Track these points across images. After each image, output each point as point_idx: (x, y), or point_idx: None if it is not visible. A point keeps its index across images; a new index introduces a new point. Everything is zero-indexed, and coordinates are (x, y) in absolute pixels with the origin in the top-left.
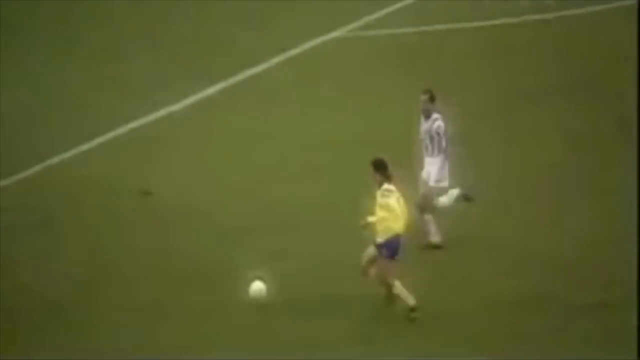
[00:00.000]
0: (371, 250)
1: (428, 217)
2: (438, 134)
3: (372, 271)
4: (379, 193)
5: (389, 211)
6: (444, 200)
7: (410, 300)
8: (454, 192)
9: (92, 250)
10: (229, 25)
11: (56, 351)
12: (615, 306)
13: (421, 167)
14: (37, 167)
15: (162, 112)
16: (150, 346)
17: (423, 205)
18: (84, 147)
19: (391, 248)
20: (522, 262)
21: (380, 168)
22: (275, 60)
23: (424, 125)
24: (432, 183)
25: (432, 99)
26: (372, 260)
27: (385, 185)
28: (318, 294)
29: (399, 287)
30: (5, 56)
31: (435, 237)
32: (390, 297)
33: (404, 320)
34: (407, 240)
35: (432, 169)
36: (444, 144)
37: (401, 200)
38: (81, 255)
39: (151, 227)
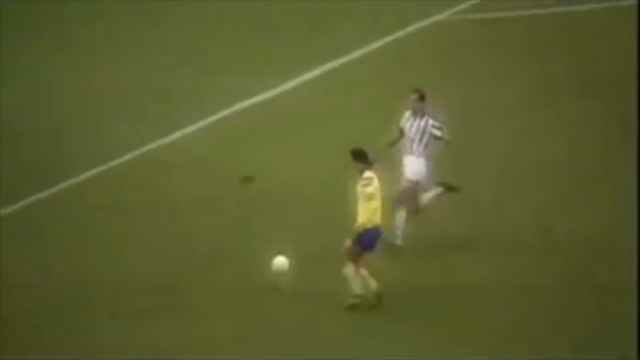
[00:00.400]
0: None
1: (400, 215)
2: (431, 133)
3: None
4: (359, 183)
5: (370, 201)
6: (427, 196)
7: (356, 288)
8: (436, 189)
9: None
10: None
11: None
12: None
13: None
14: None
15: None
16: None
17: (399, 201)
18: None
19: (366, 240)
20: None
21: (360, 157)
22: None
23: (415, 124)
24: (423, 180)
25: (421, 98)
26: (362, 258)
27: (366, 174)
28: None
29: (349, 270)
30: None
31: (397, 240)
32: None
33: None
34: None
35: (419, 168)
36: (431, 143)
37: (378, 188)
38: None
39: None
